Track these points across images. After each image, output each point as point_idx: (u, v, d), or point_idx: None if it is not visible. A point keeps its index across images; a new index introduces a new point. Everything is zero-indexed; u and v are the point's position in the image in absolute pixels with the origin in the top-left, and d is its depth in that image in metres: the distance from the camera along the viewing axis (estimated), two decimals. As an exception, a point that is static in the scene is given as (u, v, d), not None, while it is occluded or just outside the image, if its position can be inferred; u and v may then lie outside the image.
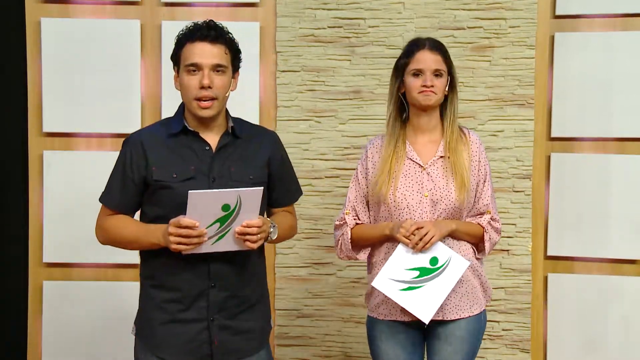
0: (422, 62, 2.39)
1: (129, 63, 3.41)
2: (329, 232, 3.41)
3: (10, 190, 3.48)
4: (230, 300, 2.21)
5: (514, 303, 3.39)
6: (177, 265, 2.16)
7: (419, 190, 2.40)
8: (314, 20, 3.39)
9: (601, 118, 3.36)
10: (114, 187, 2.24)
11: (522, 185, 3.36)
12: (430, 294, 2.30)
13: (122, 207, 2.24)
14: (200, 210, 2.01)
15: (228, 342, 2.21)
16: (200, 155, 2.19)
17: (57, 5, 3.41)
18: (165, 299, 2.20)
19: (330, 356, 3.45)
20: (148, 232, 2.16)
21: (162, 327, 2.20)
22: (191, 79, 2.16)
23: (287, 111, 3.41)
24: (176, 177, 2.16)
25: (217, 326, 2.19)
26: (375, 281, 2.33)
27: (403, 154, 2.44)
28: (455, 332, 2.42)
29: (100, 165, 3.36)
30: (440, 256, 2.32)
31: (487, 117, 3.36)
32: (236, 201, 2.03)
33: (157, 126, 2.30)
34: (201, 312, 2.18)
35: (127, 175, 2.21)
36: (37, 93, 3.41)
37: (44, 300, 3.44)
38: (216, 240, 2.07)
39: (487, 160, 2.50)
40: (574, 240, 3.40)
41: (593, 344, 3.40)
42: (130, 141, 2.24)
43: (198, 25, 2.19)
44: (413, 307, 2.30)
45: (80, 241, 3.39)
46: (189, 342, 2.19)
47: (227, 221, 2.06)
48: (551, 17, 3.39)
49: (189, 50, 2.17)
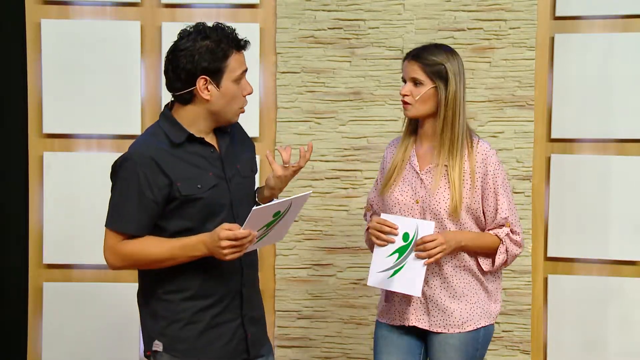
0: (404, 71, 2.43)
1: (129, 65, 3.41)
2: (329, 233, 3.41)
3: (11, 192, 3.48)
4: (253, 294, 2.28)
5: (514, 304, 3.39)
6: (215, 271, 2.15)
7: (412, 195, 2.41)
8: (314, 22, 3.39)
9: (601, 119, 3.36)
10: (128, 211, 2.10)
11: (522, 186, 3.36)
12: (413, 268, 2.33)
13: (143, 230, 2.11)
14: (257, 222, 2.01)
15: (256, 333, 2.27)
16: (210, 160, 2.16)
17: (58, 7, 3.41)
18: (200, 308, 2.16)
19: (330, 357, 3.45)
20: (186, 247, 2.08)
21: (201, 335, 2.17)
22: (238, 89, 2.15)
23: (287, 112, 3.41)
24: (201, 188, 2.11)
25: (248, 320, 2.24)
26: (369, 280, 2.38)
27: (407, 159, 2.46)
28: (458, 343, 2.40)
29: (100, 166, 3.36)
30: (408, 229, 2.33)
31: (487, 118, 3.36)
32: (287, 208, 2.06)
33: (151, 137, 2.17)
34: (236, 311, 2.21)
35: (145, 197, 2.08)
36: (37, 94, 3.41)
37: (44, 301, 3.44)
38: (259, 240, 2.09)
39: (502, 171, 2.43)
40: (574, 242, 3.39)
41: (593, 345, 3.39)
42: (135, 160, 2.09)
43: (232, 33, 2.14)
44: (403, 287, 2.34)
45: (80, 242, 3.39)
46: (228, 342, 2.20)
47: (272, 224, 2.07)
48: (551, 18, 3.39)
49: (237, 59, 2.13)
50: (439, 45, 2.47)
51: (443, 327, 2.41)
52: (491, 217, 2.42)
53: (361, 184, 3.38)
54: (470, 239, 2.39)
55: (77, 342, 3.43)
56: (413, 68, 2.39)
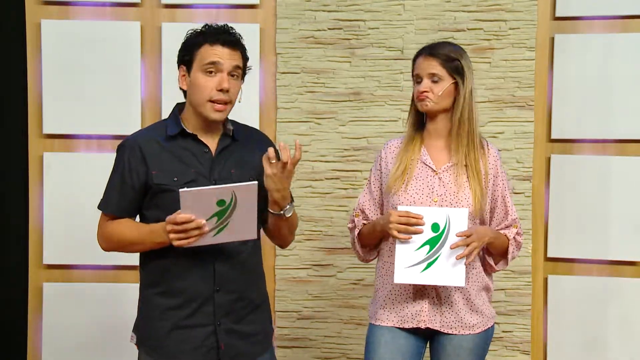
0: (418, 68, 2.39)
1: (129, 65, 3.41)
2: (329, 233, 3.41)
3: (11, 192, 3.48)
4: (237, 303, 2.20)
5: (514, 305, 3.39)
6: (182, 268, 2.15)
7: (428, 194, 2.37)
8: (314, 22, 3.39)
9: (601, 120, 3.36)
10: (112, 193, 2.21)
11: (522, 186, 3.36)
12: (450, 258, 2.26)
13: (122, 212, 2.21)
14: (195, 207, 2.01)
15: (234, 346, 2.20)
16: (200, 159, 2.18)
17: (58, 7, 3.41)
18: (170, 306, 2.17)
19: (330, 358, 3.45)
20: (152, 232, 2.13)
21: (168, 335, 2.17)
22: (208, 80, 2.14)
23: (287, 113, 3.41)
24: (177, 181, 2.14)
25: (223, 330, 2.18)
26: (396, 277, 2.28)
27: (417, 157, 2.41)
28: (463, 344, 2.39)
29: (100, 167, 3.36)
30: (438, 220, 2.26)
31: (487, 118, 3.36)
32: (231, 197, 2.03)
33: (152, 129, 2.27)
34: (207, 317, 2.17)
35: (125, 181, 2.18)
36: (37, 95, 3.41)
37: (44, 302, 3.44)
38: (216, 232, 2.07)
39: (506, 175, 2.47)
40: (574, 242, 3.40)
41: (593, 345, 3.39)
42: (126, 146, 2.21)
43: (217, 28, 2.17)
44: (443, 279, 2.26)
45: (80, 243, 3.39)
46: (196, 348, 2.17)
47: (224, 214, 2.05)
48: (551, 18, 3.39)
49: (208, 51, 2.14)
50: (449, 42, 2.48)
51: (455, 328, 2.39)
52: (500, 218, 2.43)
53: (361, 184, 3.38)
54: (494, 237, 2.36)
55: (77, 342, 3.43)
56: (431, 64, 2.36)
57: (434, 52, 2.38)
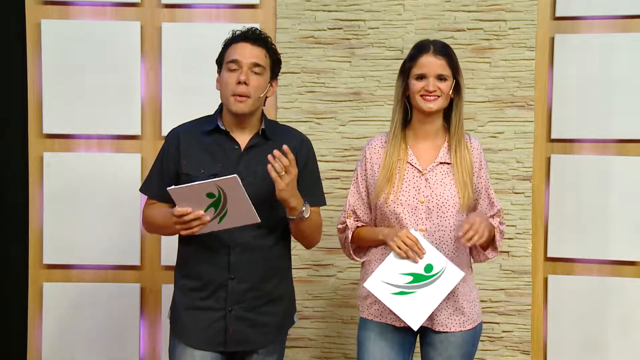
0: (426, 66, 2.35)
1: (129, 65, 3.41)
2: (329, 233, 3.40)
3: (11, 192, 3.47)
4: (249, 293, 2.33)
5: (514, 305, 3.39)
6: (200, 256, 2.33)
7: (415, 196, 2.37)
8: (314, 22, 3.39)
9: (601, 119, 3.36)
10: (153, 177, 2.41)
11: (522, 186, 3.36)
12: (422, 300, 2.29)
13: (160, 197, 2.35)
14: (189, 201, 2.14)
15: (242, 332, 2.32)
16: (229, 154, 2.33)
17: (57, 7, 3.41)
18: (190, 287, 2.35)
19: (330, 358, 3.45)
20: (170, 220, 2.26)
21: (185, 312, 2.35)
22: (230, 76, 2.30)
23: (287, 113, 3.41)
24: (204, 172, 2.29)
25: (234, 316, 2.31)
26: (368, 282, 2.32)
27: (403, 158, 2.41)
28: (451, 339, 2.40)
29: (100, 166, 3.38)
30: (435, 264, 2.30)
31: (487, 118, 3.36)
32: (217, 190, 2.13)
33: (196, 123, 2.43)
34: (219, 302, 2.32)
35: (162, 167, 2.38)
36: (37, 95, 3.41)
37: (44, 302, 3.44)
38: (220, 220, 2.19)
39: (487, 165, 2.51)
40: (574, 242, 3.40)
41: (593, 345, 3.39)
42: (170, 135, 2.41)
43: (243, 31, 2.35)
44: (403, 312, 2.29)
45: (80, 243, 3.39)
46: (205, 329, 2.31)
47: (219, 205, 2.16)
48: (551, 18, 3.39)
49: (231, 50, 2.33)
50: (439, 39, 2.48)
51: (445, 325, 2.40)
52: (485, 208, 2.45)
53: (361, 184, 3.37)
54: (488, 225, 2.33)
55: (77, 342, 3.43)
56: (441, 64, 2.36)
57: (442, 51, 2.38)
